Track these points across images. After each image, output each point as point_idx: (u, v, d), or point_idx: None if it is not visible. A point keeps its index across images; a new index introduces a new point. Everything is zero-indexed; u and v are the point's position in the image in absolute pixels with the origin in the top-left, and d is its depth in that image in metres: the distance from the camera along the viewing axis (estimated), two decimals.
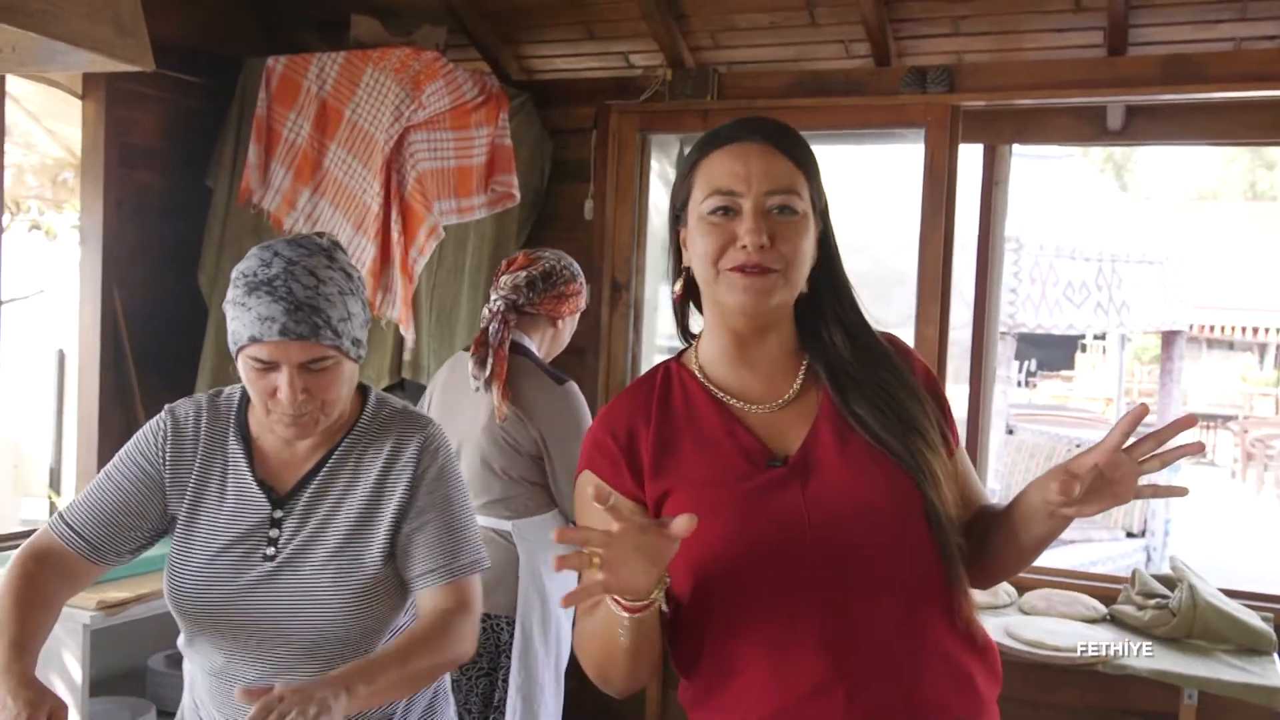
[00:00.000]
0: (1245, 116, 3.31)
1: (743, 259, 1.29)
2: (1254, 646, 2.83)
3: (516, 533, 2.56)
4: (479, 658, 2.55)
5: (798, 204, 1.32)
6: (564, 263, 2.66)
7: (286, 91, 3.33)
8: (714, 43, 3.61)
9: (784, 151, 1.33)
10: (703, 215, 1.33)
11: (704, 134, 1.39)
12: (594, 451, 1.40)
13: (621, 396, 1.44)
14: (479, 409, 2.57)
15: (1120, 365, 12.37)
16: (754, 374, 1.39)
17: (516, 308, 2.59)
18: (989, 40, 3.36)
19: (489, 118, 3.40)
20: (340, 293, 1.53)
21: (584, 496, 1.39)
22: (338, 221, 3.24)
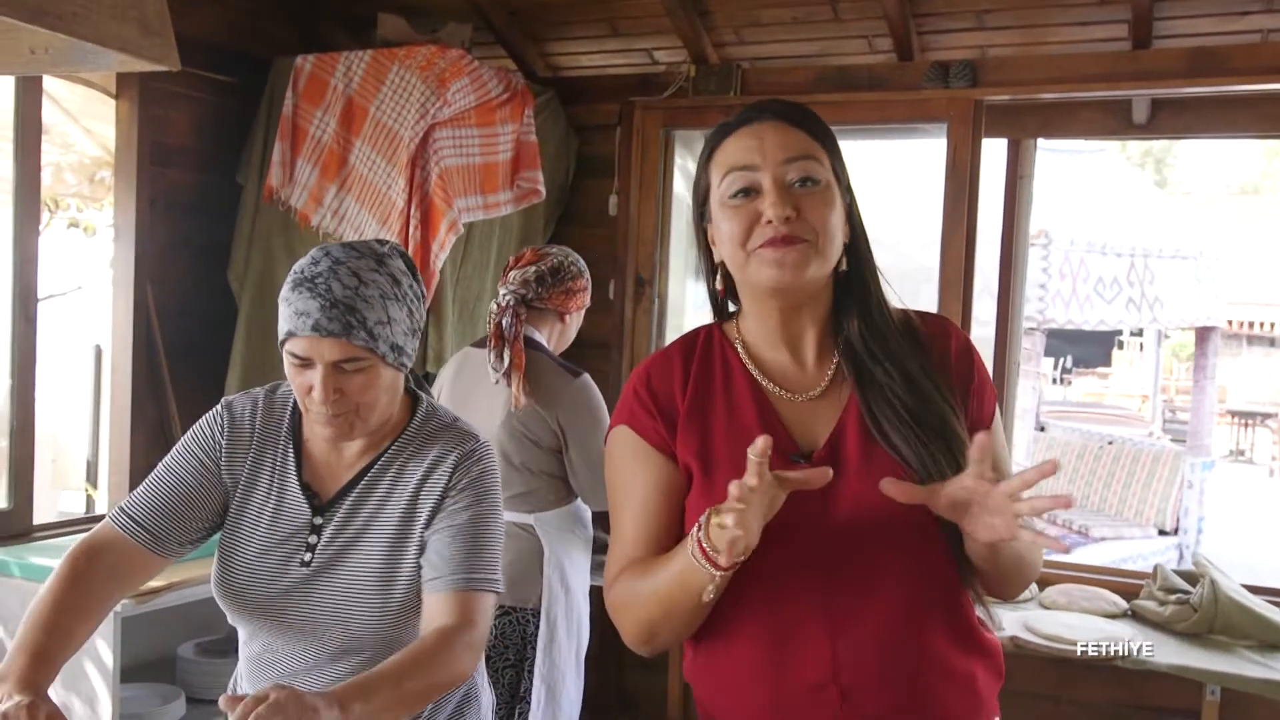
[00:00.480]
0: (1272, 109, 3.29)
1: (770, 234, 1.27)
2: (1276, 642, 2.81)
3: (539, 525, 2.60)
4: (505, 650, 2.59)
5: (819, 172, 1.30)
6: (571, 259, 2.71)
7: (314, 90, 3.38)
8: (738, 38, 3.63)
9: (797, 124, 1.32)
10: (724, 200, 1.32)
11: (716, 126, 1.38)
12: (634, 405, 1.38)
13: (661, 355, 1.43)
14: (495, 404, 2.60)
15: (1157, 362, 12.25)
16: (792, 355, 1.37)
17: (525, 302, 2.64)
18: (1012, 34, 3.35)
19: (514, 114, 3.43)
20: (382, 296, 1.52)
21: (620, 451, 1.39)
22: (364, 218, 3.29)
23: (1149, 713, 3.18)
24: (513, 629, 2.57)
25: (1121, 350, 19.20)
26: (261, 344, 3.48)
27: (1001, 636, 2.83)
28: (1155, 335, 11.92)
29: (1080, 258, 6.35)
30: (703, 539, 1.19)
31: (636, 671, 3.74)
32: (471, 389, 2.66)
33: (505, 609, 2.57)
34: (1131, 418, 12.03)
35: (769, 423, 1.34)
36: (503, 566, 2.52)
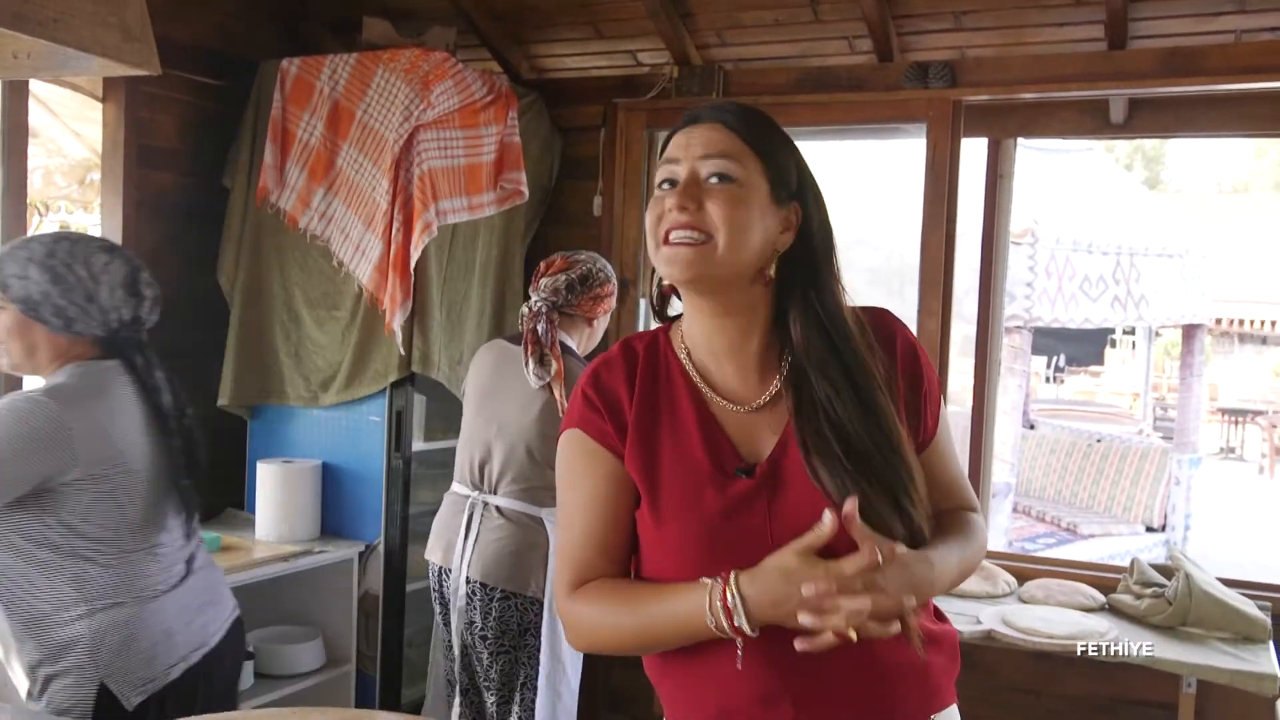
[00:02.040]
0: (1246, 109, 3.33)
1: (670, 222, 1.30)
2: (1249, 635, 2.85)
3: (548, 519, 2.69)
4: (502, 635, 2.68)
5: (735, 171, 1.30)
6: (599, 265, 2.81)
7: (300, 92, 3.41)
8: (720, 40, 3.66)
9: (733, 127, 1.33)
10: (654, 193, 1.35)
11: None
12: (584, 409, 1.39)
13: (607, 359, 1.43)
14: (531, 402, 2.68)
15: (1148, 360, 12.28)
16: (730, 364, 1.37)
17: (557, 308, 2.73)
18: (990, 35, 3.39)
19: (498, 116, 3.46)
20: (28, 259, 1.89)
21: (571, 453, 1.40)
22: (350, 220, 3.32)
23: (1127, 705, 3.22)
24: (511, 614, 2.66)
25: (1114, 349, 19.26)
26: (254, 345, 3.51)
27: (978, 630, 2.86)
28: (1146, 333, 11.96)
29: (1066, 256, 6.39)
30: (731, 604, 1.22)
31: (625, 670, 3.77)
32: (505, 381, 2.75)
33: (505, 594, 2.65)
34: (1122, 415, 12.07)
35: (711, 435, 1.34)
36: (503, 553, 2.64)
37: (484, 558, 2.68)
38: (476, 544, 2.70)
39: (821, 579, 1.18)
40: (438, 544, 2.82)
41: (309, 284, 3.46)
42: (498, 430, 2.72)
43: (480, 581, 2.68)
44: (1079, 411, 11.57)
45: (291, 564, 3.20)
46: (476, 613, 2.69)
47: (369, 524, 3.42)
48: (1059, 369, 17.42)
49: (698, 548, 1.29)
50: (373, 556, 3.42)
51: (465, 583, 2.70)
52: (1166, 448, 7.49)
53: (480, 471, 2.75)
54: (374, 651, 3.44)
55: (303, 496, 3.37)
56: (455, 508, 2.79)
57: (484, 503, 2.73)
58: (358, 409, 3.41)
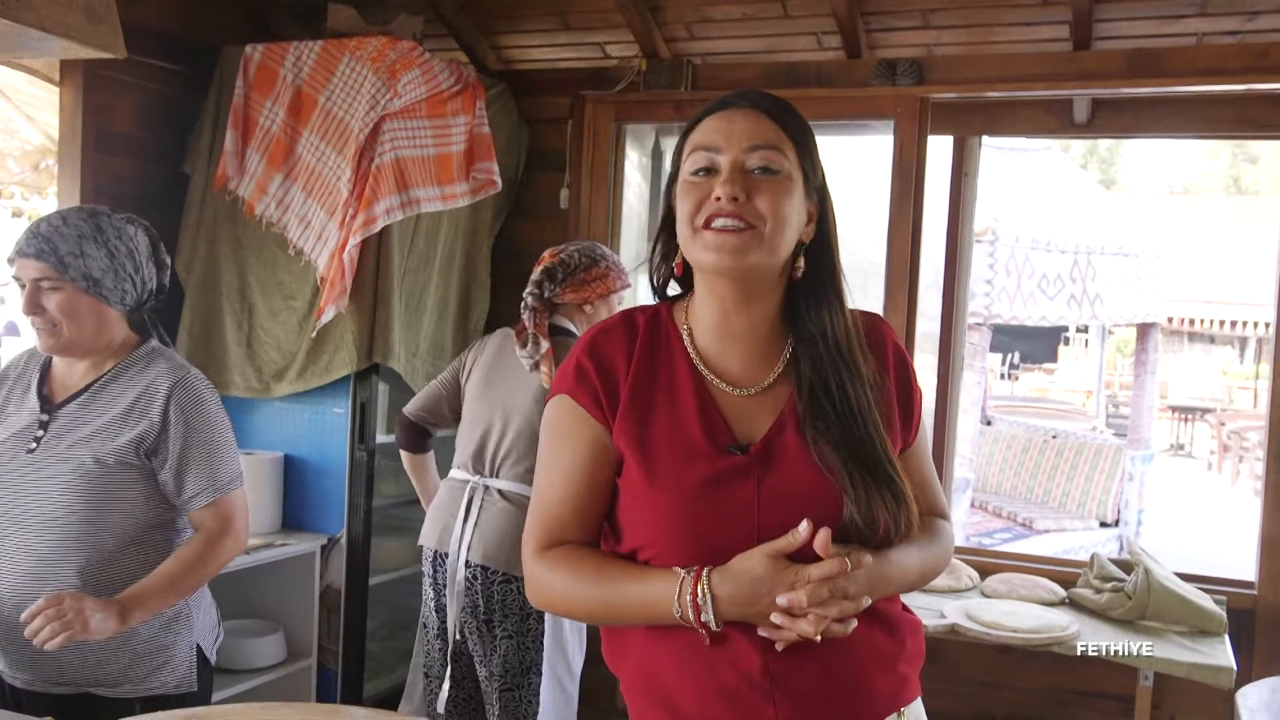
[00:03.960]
0: (1206, 110, 3.37)
1: (716, 209, 1.29)
2: (1205, 628, 2.89)
3: None
4: (505, 619, 2.66)
5: (780, 163, 1.32)
6: (584, 252, 2.81)
7: (263, 79, 3.36)
8: (688, 34, 3.66)
9: (771, 116, 1.34)
10: (685, 177, 1.34)
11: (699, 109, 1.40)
12: (576, 378, 1.39)
13: (606, 329, 1.42)
14: (529, 385, 2.71)
15: (1101, 358, 12.46)
16: (737, 349, 1.38)
17: (543, 299, 2.75)
18: (958, 33, 3.41)
19: (465, 107, 3.43)
20: (80, 236, 1.92)
21: (558, 417, 1.40)
22: (310, 207, 3.27)
23: (1085, 697, 3.26)
24: (512, 597, 2.65)
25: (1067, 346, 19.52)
26: (206, 333, 3.46)
27: (942, 624, 2.89)
28: (1100, 331, 12.12)
29: (1025, 254, 6.45)
30: (700, 600, 1.24)
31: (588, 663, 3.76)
32: (506, 368, 2.78)
33: (507, 577, 2.64)
34: (1076, 412, 12.23)
35: (708, 416, 1.35)
36: (505, 536, 2.63)
37: (485, 540, 2.67)
38: (477, 527, 2.68)
39: (794, 586, 1.22)
40: (434, 528, 2.80)
41: (265, 273, 3.41)
42: (500, 414, 2.74)
43: (481, 565, 2.66)
44: (1034, 408, 11.71)
45: (252, 557, 3.15)
46: (479, 596, 2.67)
47: (332, 517, 3.38)
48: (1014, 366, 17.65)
49: (683, 516, 1.30)
50: (335, 550, 3.38)
51: (465, 566, 2.68)
52: (1120, 444, 7.59)
53: (481, 455, 2.75)
54: (336, 645, 3.41)
55: (264, 489, 3.33)
56: (454, 493, 2.78)
57: (485, 486, 2.72)
58: (321, 400, 3.38)
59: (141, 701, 2.01)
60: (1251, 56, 3.12)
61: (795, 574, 1.22)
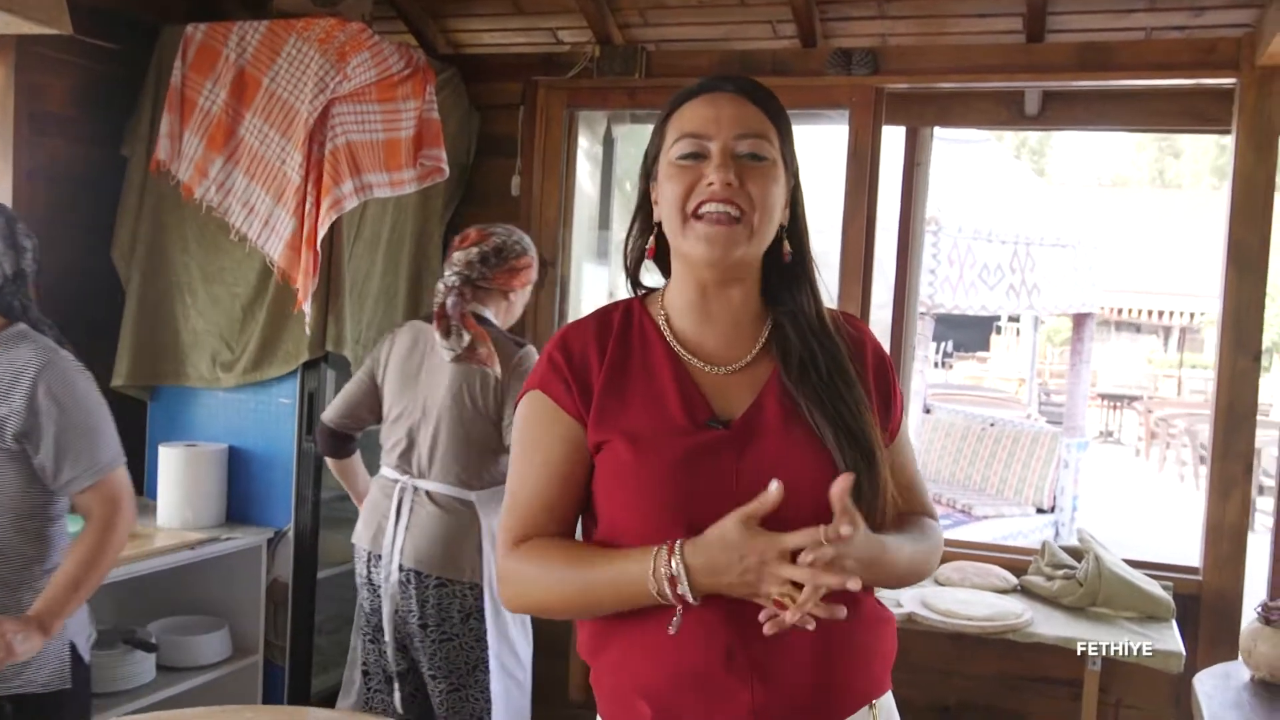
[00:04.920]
0: (1154, 104, 3.42)
1: (708, 194, 1.29)
2: (1154, 614, 2.94)
3: (479, 502, 2.65)
4: (443, 623, 2.63)
5: (768, 150, 1.32)
6: (515, 237, 2.75)
7: (204, 60, 3.25)
8: (643, 20, 3.62)
9: (756, 102, 1.34)
10: (672, 161, 1.33)
11: (678, 91, 1.40)
12: (549, 372, 1.37)
13: (579, 324, 1.42)
14: (452, 379, 2.64)
15: (1033, 346, 12.68)
16: (715, 330, 1.38)
17: (471, 282, 2.67)
18: (911, 24, 3.42)
19: (415, 91, 3.36)
20: None
21: (531, 414, 1.38)
22: (254, 192, 3.18)
23: (1035, 683, 3.30)
24: (450, 600, 2.62)
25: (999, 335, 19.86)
26: (152, 323, 3.36)
27: (899, 613, 2.90)
28: (1032, 321, 12.34)
29: (967, 245, 6.54)
30: (675, 572, 1.21)
31: (537, 657, 3.72)
32: (424, 363, 2.71)
33: (442, 581, 2.61)
34: (1010, 400, 12.44)
35: (686, 392, 1.34)
36: (437, 540, 2.59)
37: (417, 545, 2.62)
38: (408, 530, 2.63)
39: (765, 553, 1.18)
40: (367, 528, 2.75)
41: (207, 260, 3.32)
42: (422, 413, 2.68)
43: (414, 569, 2.62)
44: (970, 396, 11.89)
45: (196, 552, 3.07)
46: (413, 601, 2.63)
47: (279, 509, 3.30)
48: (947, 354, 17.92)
49: (665, 494, 1.29)
50: (282, 543, 3.30)
51: (399, 570, 2.63)
52: (1056, 431, 7.73)
53: (409, 455, 2.69)
54: (283, 641, 3.33)
55: (208, 481, 3.24)
56: (385, 491, 2.72)
57: (414, 487, 2.66)
58: (267, 390, 3.29)
59: (11, 700, 1.97)
60: (1198, 51, 3.16)
61: (769, 540, 1.19)
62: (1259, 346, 3.11)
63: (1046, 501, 7.34)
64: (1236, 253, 3.11)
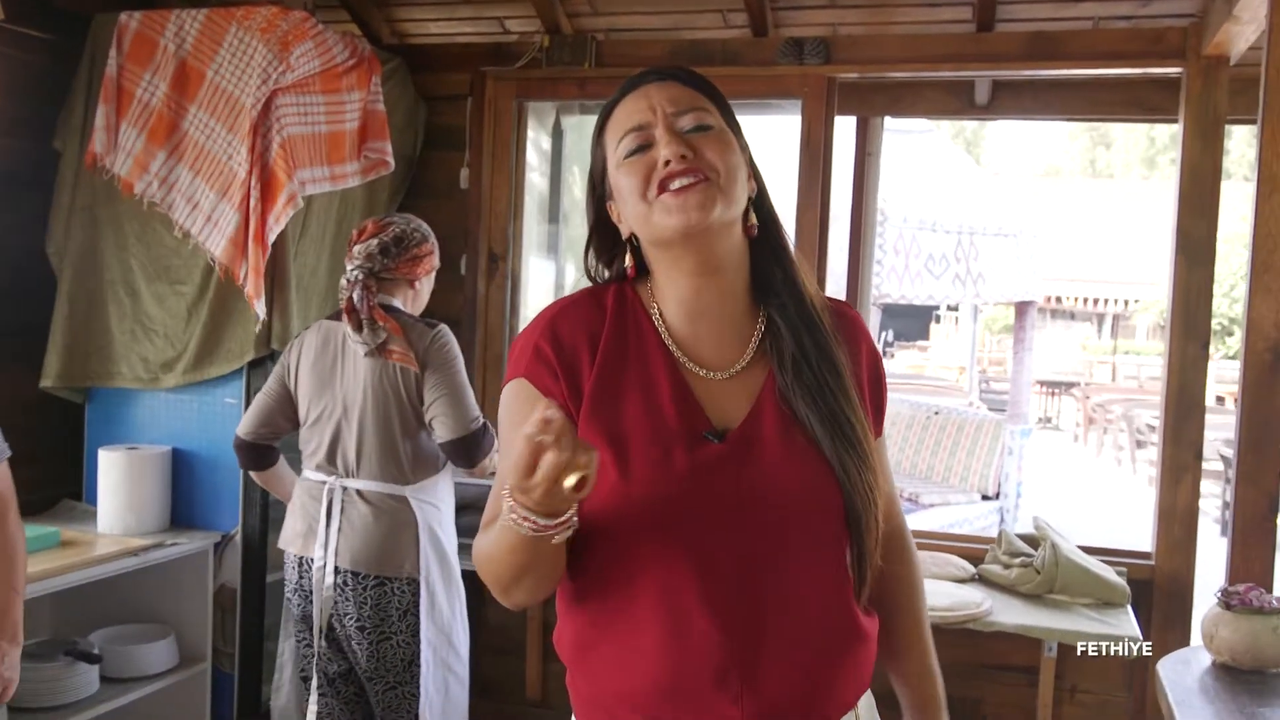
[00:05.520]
0: (1101, 94, 3.45)
1: (667, 172, 1.23)
2: (1110, 600, 2.97)
3: (412, 497, 2.61)
4: (381, 622, 2.58)
5: (710, 119, 1.27)
6: (414, 225, 2.71)
7: (141, 49, 3.15)
8: (592, 9, 3.57)
9: (683, 82, 1.30)
10: (620, 163, 1.27)
11: (605, 102, 1.33)
12: (534, 360, 1.28)
13: (567, 309, 1.32)
14: (369, 374, 2.59)
15: (974, 335, 12.84)
16: (709, 327, 1.31)
17: (374, 274, 2.62)
18: (863, 13, 3.41)
19: (360, 82, 3.28)
20: None
21: (515, 403, 1.29)
22: (199, 187, 3.09)
23: (992, 670, 3.32)
24: (386, 599, 2.57)
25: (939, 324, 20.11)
26: (85, 322, 3.25)
27: None
28: (972, 310, 12.48)
29: (913, 235, 6.58)
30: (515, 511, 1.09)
31: (493, 656, 3.68)
32: (338, 361, 2.65)
33: (380, 579, 2.56)
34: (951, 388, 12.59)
35: (684, 399, 1.27)
36: (373, 539, 2.55)
37: (352, 545, 2.57)
38: (341, 532, 2.57)
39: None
40: (295, 532, 2.67)
41: (149, 257, 3.22)
42: (343, 411, 2.62)
43: (351, 570, 2.56)
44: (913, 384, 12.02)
45: (140, 558, 2.98)
46: (350, 603, 2.57)
47: (225, 513, 3.22)
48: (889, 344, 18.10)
49: (664, 510, 1.22)
50: (229, 547, 3.22)
51: (335, 572, 2.57)
52: (1000, 419, 7.81)
53: (334, 455, 2.63)
54: (231, 648, 3.25)
55: (150, 485, 3.14)
56: (312, 494, 2.65)
57: (343, 487, 2.60)
58: (211, 390, 3.20)
59: None
60: (1145, 41, 3.19)
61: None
62: (1208, 334, 3.15)
63: (992, 488, 7.41)
64: (1184, 242, 3.15)
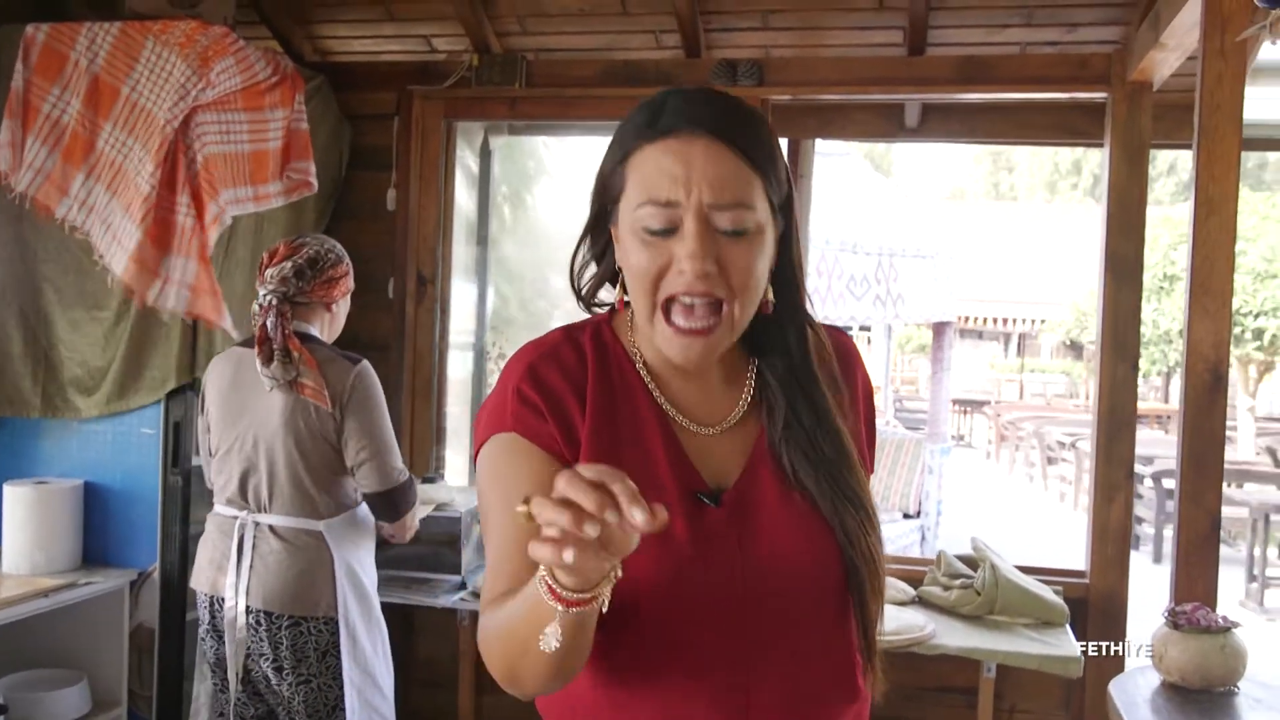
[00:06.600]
0: (1028, 118, 3.50)
1: (683, 286, 1.09)
2: (1049, 619, 2.98)
3: (328, 532, 2.51)
4: (299, 664, 2.48)
5: (750, 220, 1.10)
6: (328, 245, 2.62)
7: (50, 64, 3.00)
8: (522, 28, 3.52)
9: (735, 146, 1.10)
10: (636, 229, 1.12)
11: (639, 112, 1.15)
12: (520, 409, 1.14)
13: (544, 352, 1.18)
14: (282, 407, 2.49)
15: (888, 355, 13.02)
16: (698, 383, 1.20)
17: (288, 299, 2.52)
18: (796, 35, 3.42)
19: (283, 100, 3.17)
20: None
21: (502, 459, 1.15)
22: (114, 208, 2.95)
23: (931, 693, 3.31)
24: (303, 639, 2.48)
25: None
26: None
27: None
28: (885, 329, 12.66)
29: (835, 256, 6.63)
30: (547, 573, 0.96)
31: (424, 689, 3.57)
32: (250, 391, 2.53)
33: (294, 619, 2.46)
34: None
35: (678, 460, 1.17)
36: (286, 576, 2.45)
37: (265, 584, 2.46)
38: (253, 569, 2.46)
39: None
40: (206, 571, 2.56)
41: (64, 281, 3.07)
42: (254, 443, 2.51)
43: (264, 610, 2.45)
44: None
45: (50, 599, 2.82)
46: (264, 644, 2.46)
47: (142, 549, 3.06)
48: None
49: (669, 583, 1.11)
50: (147, 585, 3.06)
51: (246, 612, 2.46)
52: (920, 438, 7.91)
53: (245, 490, 2.52)
54: (149, 691, 3.09)
55: (61, 521, 2.98)
56: (222, 530, 2.55)
57: (255, 523, 2.50)
58: (126, 421, 3.05)
59: None
60: (1071, 66, 3.24)
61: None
62: (1137, 354, 3.20)
63: (913, 507, 7.49)
64: (1113, 263, 3.20)
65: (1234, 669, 2.16)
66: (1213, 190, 2.28)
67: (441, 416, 3.74)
